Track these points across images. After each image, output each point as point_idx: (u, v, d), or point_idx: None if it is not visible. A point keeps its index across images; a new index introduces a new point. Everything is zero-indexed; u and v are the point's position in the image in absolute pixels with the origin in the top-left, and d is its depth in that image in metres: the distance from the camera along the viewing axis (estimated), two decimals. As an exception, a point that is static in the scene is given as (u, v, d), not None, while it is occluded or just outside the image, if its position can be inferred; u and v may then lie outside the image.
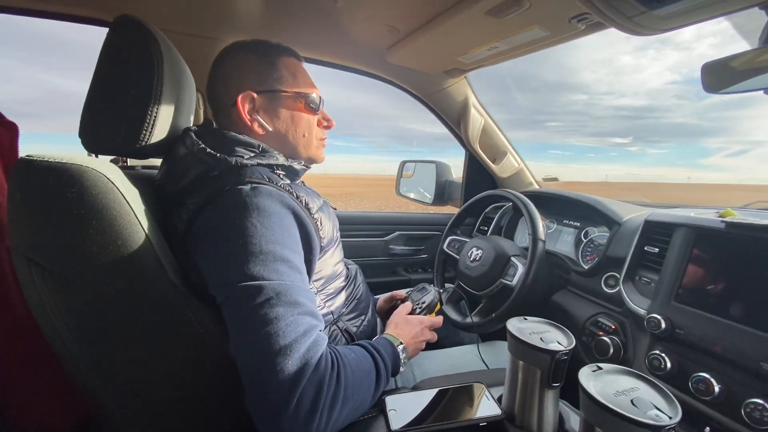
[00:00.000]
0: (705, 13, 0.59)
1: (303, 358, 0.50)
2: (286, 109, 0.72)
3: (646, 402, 0.42)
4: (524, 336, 0.56)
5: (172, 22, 0.94)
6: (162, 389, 0.58)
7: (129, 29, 0.60)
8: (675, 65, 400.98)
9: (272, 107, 0.71)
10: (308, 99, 0.74)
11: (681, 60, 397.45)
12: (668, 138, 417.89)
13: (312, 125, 0.76)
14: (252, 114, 0.70)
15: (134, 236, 0.53)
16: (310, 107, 0.74)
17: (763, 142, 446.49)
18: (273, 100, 0.71)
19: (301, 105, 0.73)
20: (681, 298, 0.71)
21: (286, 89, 0.72)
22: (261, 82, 0.70)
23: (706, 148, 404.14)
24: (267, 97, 0.71)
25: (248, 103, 0.69)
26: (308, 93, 0.74)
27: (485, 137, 1.43)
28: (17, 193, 0.48)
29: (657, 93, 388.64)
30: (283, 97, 0.72)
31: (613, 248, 0.92)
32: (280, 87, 0.71)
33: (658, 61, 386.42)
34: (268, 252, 0.54)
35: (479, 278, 1.00)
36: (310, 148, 0.77)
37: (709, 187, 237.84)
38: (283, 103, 0.72)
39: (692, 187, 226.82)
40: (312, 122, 0.76)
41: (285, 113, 0.72)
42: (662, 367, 0.68)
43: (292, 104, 0.73)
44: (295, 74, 0.73)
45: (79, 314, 0.51)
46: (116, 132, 0.59)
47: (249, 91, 0.69)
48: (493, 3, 0.72)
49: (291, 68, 0.73)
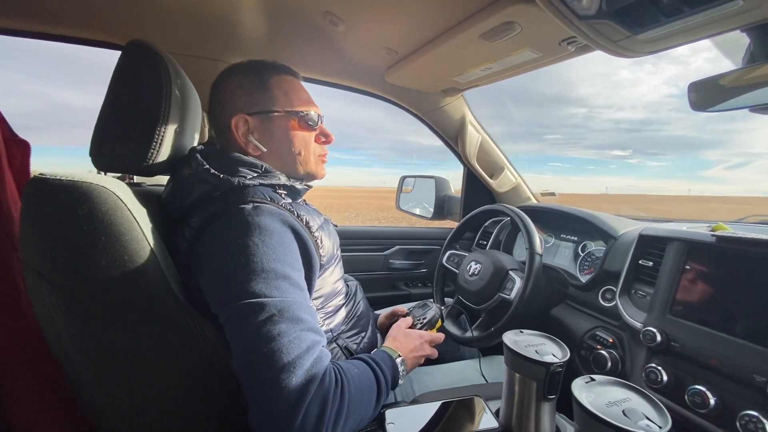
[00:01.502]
0: (687, 36, 0.62)
1: (307, 374, 0.51)
2: (280, 128, 0.73)
3: (638, 412, 0.43)
4: (520, 349, 0.57)
5: (180, 46, 0.98)
6: (165, 404, 0.59)
7: (140, 53, 0.63)
8: (672, 78, 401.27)
9: (265, 128, 0.72)
10: (302, 116, 0.74)
11: (678, 73, 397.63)
12: (668, 150, 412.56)
13: (308, 142, 0.76)
14: (246, 136, 0.71)
15: (141, 252, 0.54)
16: (307, 124, 0.75)
17: (762, 154, 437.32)
18: (265, 121, 0.72)
19: (294, 123, 0.74)
20: (675, 311, 0.72)
21: (278, 109, 0.72)
22: (253, 104, 0.71)
23: (706, 161, 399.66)
24: (259, 118, 0.72)
25: (242, 126, 0.71)
26: (302, 110, 0.74)
27: (483, 153, 1.46)
28: (30, 209, 0.50)
29: (655, 106, 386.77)
30: (276, 117, 0.73)
31: (610, 262, 0.94)
32: (272, 107, 0.72)
33: (656, 75, 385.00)
34: (269, 270, 0.56)
35: (478, 292, 1.01)
36: (308, 165, 0.77)
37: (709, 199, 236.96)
38: (276, 123, 0.73)
39: (692, 199, 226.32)
40: (308, 139, 0.76)
41: (279, 133, 0.73)
42: (659, 380, 0.68)
43: (285, 123, 0.73)
44: (288, 92, 0.74)
45: (85, 327, 0.52)
46: (125, 151, 0.62)
47: (241, 114, 0.70)
48: (486, 27, 0.76)
49: (284, 87, 0.74)
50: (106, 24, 0.92)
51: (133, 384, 0.56)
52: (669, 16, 0.56)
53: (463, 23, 0.78)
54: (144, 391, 0.57)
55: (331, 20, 0.86)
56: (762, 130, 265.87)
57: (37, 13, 0.87)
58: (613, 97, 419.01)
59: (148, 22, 0.90)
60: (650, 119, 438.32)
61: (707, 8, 0.53)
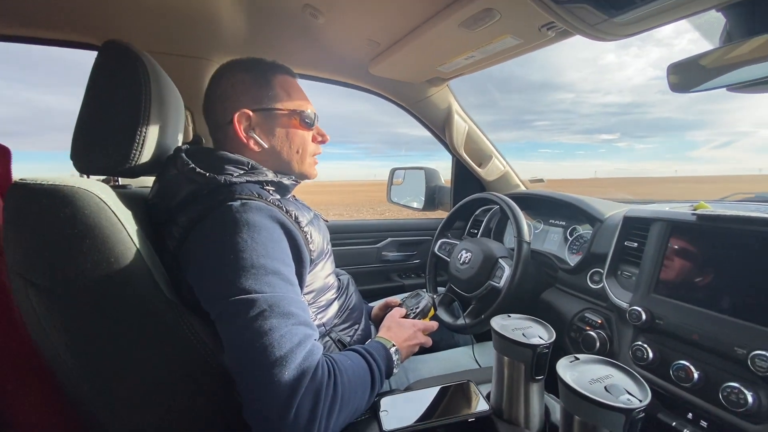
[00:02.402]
0: (662, 18, 0.62)
1: (299, 367, 0.51)
2: (282, 126, 0.74)
3: (619, 387, 0.44)
4: (507, 332, 0.58)
5: (159, 44, 0.96)
6: (158, 403, 0.59)
7: (116, 53, 0.62)
8: (657, 61, 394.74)
9: (268, 125, 0.73)
10: (303, 116, 0.75)
11: (663, 56, 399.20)
12: (655, 132, 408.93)
13: (306, 141, 0.78)
14: (248, 132, 0.71)
15: (126, 253, 0.54)
16: (305, 123, 0.76)
17: (748, 133, 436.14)
18: (268, 118, 0.73)
19: (296, 122, 0.75)
20: (659, 289, 0.74)
21: (281, 107, 0.73)
22: (256, 101, 0.72)
23: (693, 141, 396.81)
24: (262, 115, 0.72)
25: (244, 121, 0.71)
26: (303, 110, 0.75)
27: (470, 142, 1.46)
28: (12, 215, 0.50)
29: (642, 89, 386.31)
30: (279, 115, 0.73)
31: (596, 245, 0.95)
32: (275, 105, 0.73)
33: (641, 58, 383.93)
34: (259, 266, 0.56)
35: (469, 280, 1.02)
36: (303, 165, 0.79)
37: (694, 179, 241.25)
38: (278, 121, 0.74)
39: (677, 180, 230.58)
40: (306, 138, 0.78)
41: (280, 131, 0.74)
42: (645, 357, 0.70)
43: (287, 122, 0.74)
44: (290, 92, 0.75)
45: (74, 331, 0.52)
46: (107, 153, 0.61)
47: (245, 110, 0.71)
48: (466, 15, 0.76)
49: (285, 86, 0.75)
50: (81, 25, 0.90)
51: (125, 384, 0.56)
52: (643, -3, 0.56)
53: (443, 12, 0.78)
54: (136, 391, 0.57)
55: (311, 13, 0.86)
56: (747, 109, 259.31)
57: (9, 15, 0.85)
58: (600, 82, 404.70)
59: (124, 22, 0.89)
60: (637, 102, 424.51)
61: (680, -12, 0.53)
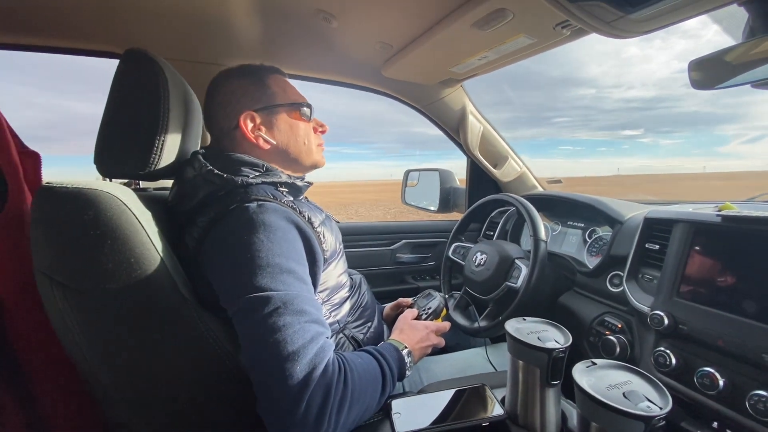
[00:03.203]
0: (682, 13, 0.61)
1: (310, 363, 0.52)
2: (285, 121, 0.77)
3: (638, 394, 0.43)
4: (522, 336, 0.57)
5: (175, 52, 1.00)
6: (179, 400, 0.61)
7: (138, 61, 0.65)
8: (683, 53, 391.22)
9: (272, 121, 0.76)
10: (301, 109, 0.79)
11: (689, 48, 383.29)
12: (681, 128, 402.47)
13: (309, 132, 0.81)
14: (255, 131, 0.74)
15: (146, 254, 0.56)
16: (305, 116, 0.80)
17: None
18: (271, 114, 0.76)
19: (296, 115, 0.79)
20: (682, 293, 0.71)
21: (281, 103, 0.77)
22: (257, 101, 0.75)
23: (722, 136, 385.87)
24: (265, 113, 0.75)
25: (250, 122, 0.74)
26: (300, 103, 0.79)
27: (485, 143, 1.44)
28: (39, 217, 0.52)
29: (666, 82, 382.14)
30: (280, 110, 0.77)
31: (616, 247, 0.93)
32: (275, 101, 0.76)
33: (665, 51, 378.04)
34: (274, 264, 0.57)
35: (485, 282, 1.01)
36: (312, 154, 0.82)
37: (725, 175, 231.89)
38: (280, 116, 0.77)
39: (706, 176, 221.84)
40: (309, 129, 0.81)
41: (284, 125, 0.77)
42: (667, 363, 0.67)
43: (289, 115, 0.78)
44: (285, 89, 0.79)
45: (97, 329, 0.55)
46: (128, 158, 0.63)
47: (248, 111, 0.74)
48: (478, 15, 0.75)
49: (280, 84, 0.79)
50: (103, 34, 0.94)
51: (146, 381, 0.58)
52: (661, -8, 0.55)
53: (455, 12, 0.78)
54: (157, 388, 0.59)
55: (324, 17, 0.87)
56: None
57: (36, 27, 0.90)
58: (622, 76, 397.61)
59: (144, 30, 0.92)
60: (662, 96, 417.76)
61: (700, -18, 0.52)
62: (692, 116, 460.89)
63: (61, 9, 0.83)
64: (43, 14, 0.85)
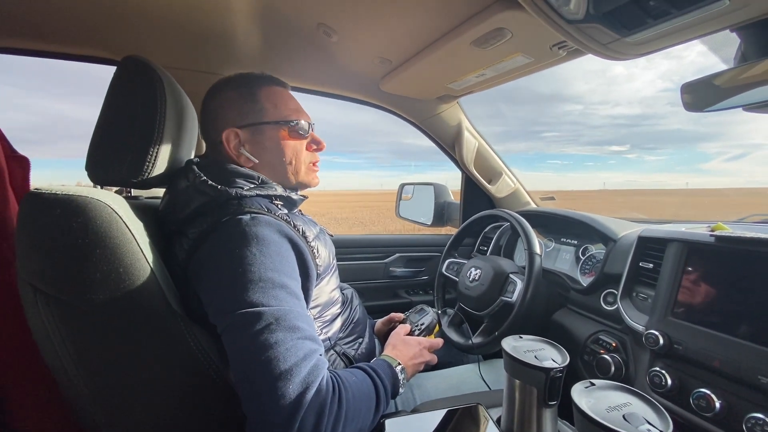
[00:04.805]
0: (676, 38, 0.62)
1: (304, 382, 0.51)
2: (270, 139, 0.74)
3: (638, 417, 0.42)
4: (519, 354, 0.56)
5: (176, 60, 0.99)
6: (162, 416, 0.58)
7: (135, 68, 0.64)
8: (666, 73, 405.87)
9: (255, 140, 0.73)
10: (292, 126, 0.75)
11: (672, 68, 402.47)
12: (665, 144, 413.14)
13: (299, 151, 0.77)
14: (238, 149, 0.72)
15: (136, 264, 0.54)
16: (297, 133, 0.76)
17: (761, 145, 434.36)
18: (255, 133, 0.73)
19: (284, 133, 0.75)
20: (677, 313, 0.71)
21: (268, 120, 0.73)
22: (243, 117, 0.72)
23: (705, 153, 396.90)
24: (249, 130, 0.73)
25: (233, 139, 0.72)
26: (292, 120, 0.75)
27: (480, 159, 1.46)
28: (26, 224, 0.51)
29: (651, 101, 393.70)
30: (266, 128, 0.73)
31: (610, 265, 0.93)
32: (262, 119, 0.73)
33: (650, 70, 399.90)
34: (267, 279, 0.56)
35: (479, 298, 1.00)
36: (299, 174, 0.78)
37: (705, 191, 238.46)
38: (266, 134, 0.74)
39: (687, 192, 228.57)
40: (298, 148, 0.77)
41: (270, 144, 0.74)
42: (663, 384, 0.67)
43: (276, 134, 0.74)
44: (277, 103, 0.75)
45: (80, 340, 0.52)
46: (120, 165, 0.62)
47: (232, 128, 0.71)
48: (477, 34, 0.76)
49: (272, 98, 0.75)
50: (101, 40, 0.93)
51: (128, 396, 0.55)
52: (656, 18, 0.56)
53: (455, 30, 0.79)
54: (139, 404, 0.56)
55: (325, 31, 0.87)
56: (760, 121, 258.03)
57: (33, 32, 0.89)
58: (609, 93, 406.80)
59: (143, 38, 0.91)
60: (647, 114, 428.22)
61: (693, 9, 0.53)
62: (676, 134, 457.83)
63: (59, 14, 0.82)
64: (41, 19, 0.84)
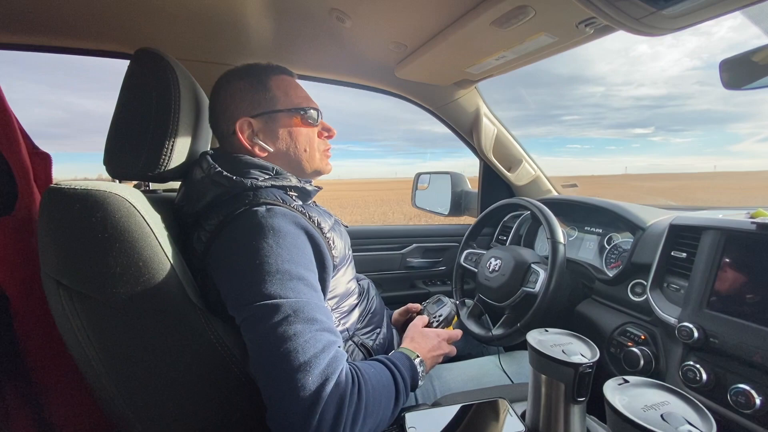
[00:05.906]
0: (717, 9, 0.57)
1: (323, 374, 0.50)
2: (283, 127, 0.73)
3: (678, 417, 0.40)
4: (545, 349, 0.54)
5: (189, 52, 0.99)
6: (184, 407, 0.59)
7: (149, 61, 0.64)
8: (695, 50, 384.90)
9: (269, 128, 0.73)
10: (304, 113, 0.74)
11: (700, 45, 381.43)
12: (693, 126, 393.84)
13: (312, 138, 0.77)
14: (252, 138, 0.71)
15: (155, 257, 0.55)
16: (308, 121, 0.75)
17: None
18: (269, 121, 0.72)
19: (297, 120, 0.74)
20: (713, 305, 0.67)
21: (281, 108, 0.73)
22: (255, 107, 0.71)
23: (736, 134, 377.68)
24: (263, 119, 0.72)
25: (247, 129, 0.71)
26: (303, 107, 0.75)
27: (499, 146, 1.41)
28: (47, 219, 0.51)
29: (677, 80, 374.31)
30: (279, 116, 0.73)
31: (638, 254, 0.89)
32: (275, 107, 0.72)
33: (676, 48, 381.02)
34: (284, 271, 0.55)
35: (500, 288, 0.98)
36: (314, 161, 0.78)
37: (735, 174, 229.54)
38: (279, 122, 0.73)
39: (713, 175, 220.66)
40: (311, 135, 0.77)
41: (283, 132, 0.73)
42: (697, 379, 0.64)
43: (288, 121, 0.74)
44: (287, 91, 0.74)
45: (103, 333, 0.53)
46: (137, 159, 0.62)
47: (245, 118, 0.70)
48: (498, 13, 0.72)
49: (283, 86, 0.74)
50: (114, 34, 0.93)
51: (150, 388, 0.56)
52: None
53: (474, 11, 0.75)
54: (162, 395, 0.57)
55: (338, 17, 0.85)
56: None
57: (47, 28, 0.89)
58: (632, 74, 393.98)
59: (156, 30, 0.91)
60: (673, 94, 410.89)
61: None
62: (704, 114, 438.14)
63: (73, 10, 0.82)
64: (55, 15, 0.84)
